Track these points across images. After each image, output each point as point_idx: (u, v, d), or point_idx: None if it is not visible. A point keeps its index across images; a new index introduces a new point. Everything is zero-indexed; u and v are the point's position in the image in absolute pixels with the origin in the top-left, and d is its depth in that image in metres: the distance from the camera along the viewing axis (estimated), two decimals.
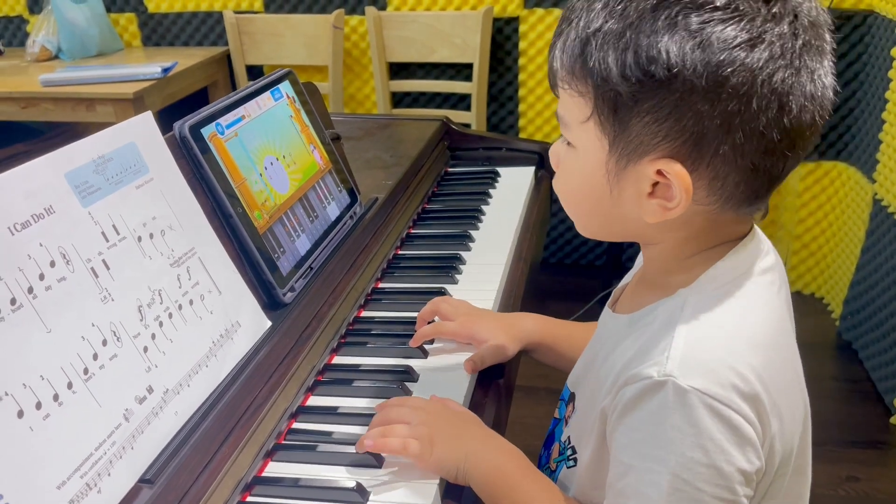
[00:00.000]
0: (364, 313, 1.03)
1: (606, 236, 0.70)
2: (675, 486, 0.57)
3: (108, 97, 2.28)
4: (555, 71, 0.62)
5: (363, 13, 2.53)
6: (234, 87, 2.75)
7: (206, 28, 2.74)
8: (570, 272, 2.67)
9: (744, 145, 0.55)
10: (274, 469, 0.76)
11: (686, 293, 0.63)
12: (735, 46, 0.53)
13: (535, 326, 0.93)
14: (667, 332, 0.60)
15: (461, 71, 2.54)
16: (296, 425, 0.82)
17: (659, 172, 0.58)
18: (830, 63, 0.58)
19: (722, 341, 0.60)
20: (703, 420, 0.56)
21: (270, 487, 0.74)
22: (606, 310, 0.75)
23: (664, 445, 0.57)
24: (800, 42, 0.55)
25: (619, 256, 2.51)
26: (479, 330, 0.91)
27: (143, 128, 0.76)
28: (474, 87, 2.45)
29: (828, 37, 0.58)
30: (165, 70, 2.37)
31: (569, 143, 0.65)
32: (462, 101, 2.58)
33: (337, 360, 0.93)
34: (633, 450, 0.60)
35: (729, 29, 0.53)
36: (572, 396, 0.78)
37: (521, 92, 2.52)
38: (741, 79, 0.53)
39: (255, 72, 2.69)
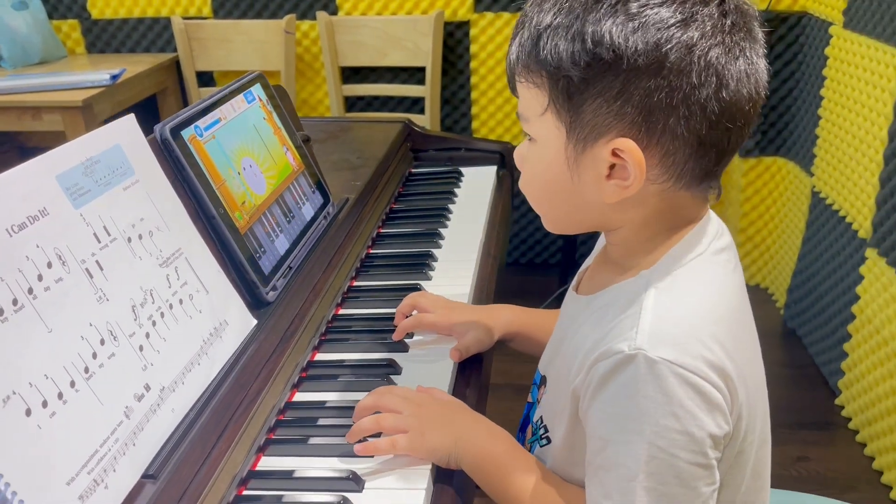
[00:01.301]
0: (342, 311, 1.05)
1: (572, 227, 0.73)
2: (651, 454, 0.61)
3: (55, 105, 2.24)
4: (512, 69, 0.67)
5: (314, 18, 2.54)
6: (183, 94, 2.72)
7: (154, 34, 2.71)
8: (527, 271, 2.71)
9: (689, 119, 0.60)
10: (267, 463, 0.78)
11: (648, 274, 0.66)
12: (671, 26, 0.58)
13: (511, 316, 0.96)
14: (633, 309, 0.64)
15: (414, 74, 2.57)
16: (285, 420, 0.83)
17: (614, 153, 0.62)
18: (763, 49, 0.63)
19: (687, 315, 0.64)
20: (674, 389, 0.60)
21: (265, 480, 0.75)
22: (570, 292, 0.79)
23: (639, 416, 0.61)
24: (728, 21, 0.60)
25: (573, 254, 2.56)
26: (459, 321, 0.94)
27: (127, 130, 0.77)
28: (428, 91, 2.48)
29: (756, 25, 0.63)
30: (114, 77, 2.34)
31: (530, 139, 0.69)
32: (415, 105, 2.61)
33: (319, 356, 0.95)
34: (609, 424, 0.63)
35: (663, 11, 0.59)
36: (544, 379, 0.81)
37: (474, 94, 2.56)
38: (679, 55, 0.58)
39: (205, 78, 2.67)
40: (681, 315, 0.64)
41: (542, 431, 0.77)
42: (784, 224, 2.42)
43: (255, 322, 0.86)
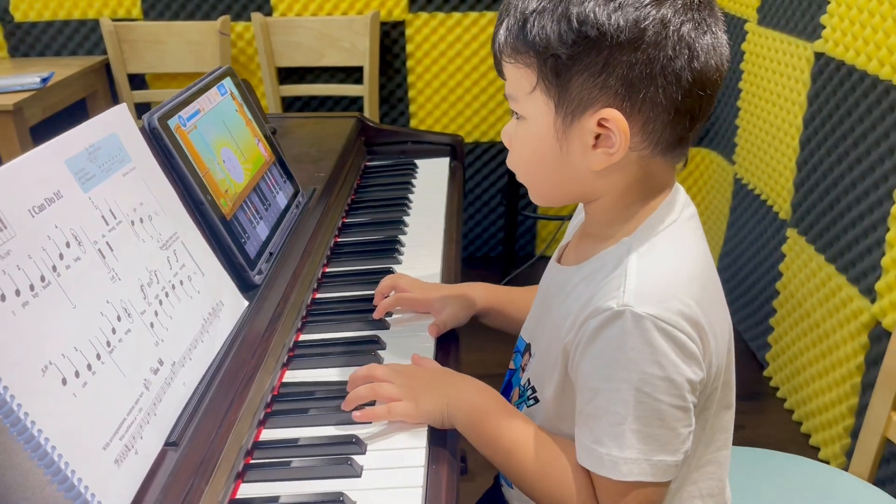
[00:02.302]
0: (318, 295, 1.08)
1: (558, 198, 0.80)
2: (638, 399, 0.68)
3: None
4: (499, 54, 0.73)
5: (249, 19, 2.54)
6: (114, 97, 2.68)
7: (81, 37, 2.66)
8: (468, 264, 2.78)
9: (666, 88, 0.67)
10: (268, 435, 0.81)
11: (629, 241, 0.74)
12: (647, 4, 0.66)
13: (484, 293, 1.02)
14: (618, 271, 0.71)
15: (351, 74, 2.61)
16: (279, 395, 0.87)
17: (599, 124, 0.68)
18: (724, 25, 0.71)
19: (667, 276, 0.71)
20: (657, 340, 0.67)
21: (270, 450, 0.79)
22: (553, 264, 0.85)
23: (626, 366, 0.68)
24: (696, 0, 0.68)
25: (513, 247, 2.65)
26: (436, 299, 1.00)
27: (120, 119, 0.79)
28: (366, 90, 2.52)
29: (717, 7, 0.71)
30: (44, 80, 2.29)
31: (518, 118, 0.75)
32: (353, 104, 2.64)
33: (303, 337, 0.98)
34: (599, 374, 0.70)
35: None
36: (527, 347, 0.87)
37: (411, 93, 2.62)
38: (655, 30, 0.65)
39: (137, 81, 2.64)
40: (661, 275, 0.71)
41: (529, 392, 0.83)
42: (710, 210, 2.57)
43: (246, 303, 0.89)
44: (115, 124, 0.78)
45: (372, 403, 0.82)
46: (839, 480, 1.13)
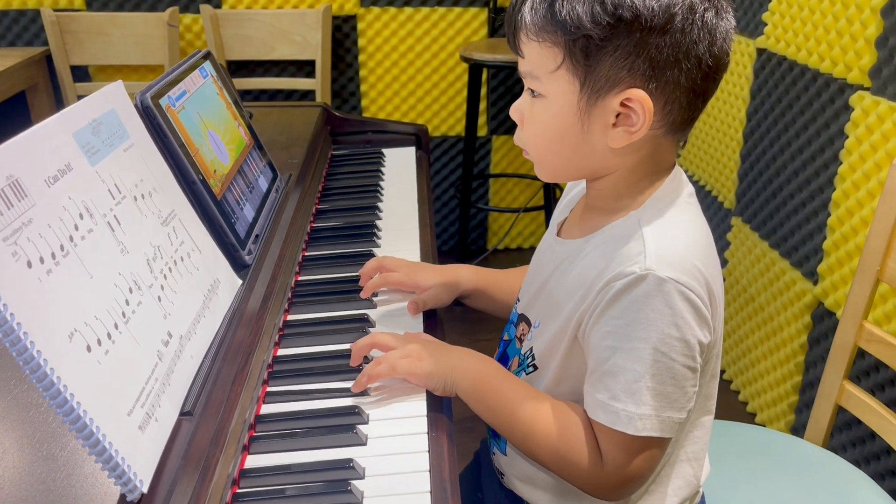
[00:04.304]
0: (301, 277, 1.09)
1: (569, 174, 0.83)
2: (655, 358, 0.72)
3: None
4: (520, 31, 0.75)
5: (198, 11, 2.51)
6: (56, 90, 2.61)
7: (20, 27, 2.58)
8: None
9: (689, 71, 0.71)
10: (268, 409, 0.82)
11: (637, 213, 0.77)
12: None
13: (469, 274, 1.05)
14: (634, 239, 0.75)
15: (302, 68, 2.60)
16: (274, 372, 0.88)
17: (622, 104, 0.72)
18: (732, 12, 0.76)
19: (680, 243, 0.75)
20: (677, 303, 0.71)
21: (272, 424, 0.80)
22: (553, 238, 0.89)
23: (646, 325, 0.72)
24: None
25: (465, 241, 2.69)
26: (422, 279, 1.02)
27: (117, 96, 0.79)
28: (318, 84, 2.52)
29: None
30: None
31: (535, 96, 0.77)
32: (305, 98, 2.64)
33: (291, 317, 0.99)
34: (618, 334, 0.73)
35: None
36: (522, 317, 0.90)
37: (363, 87, 2.63)
38: (683, 15, 0.70)
39: (79, 73, 2.57)
40: (675, 242, 0.75)
41: (529, 360, 0.86)
42: None
43: (240, 282, 0.90)
44: (113, 101, 0.78)
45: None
46: (796, 447, 1.20)
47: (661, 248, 0.74)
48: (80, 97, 2.56)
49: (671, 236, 0.76)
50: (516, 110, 0.80)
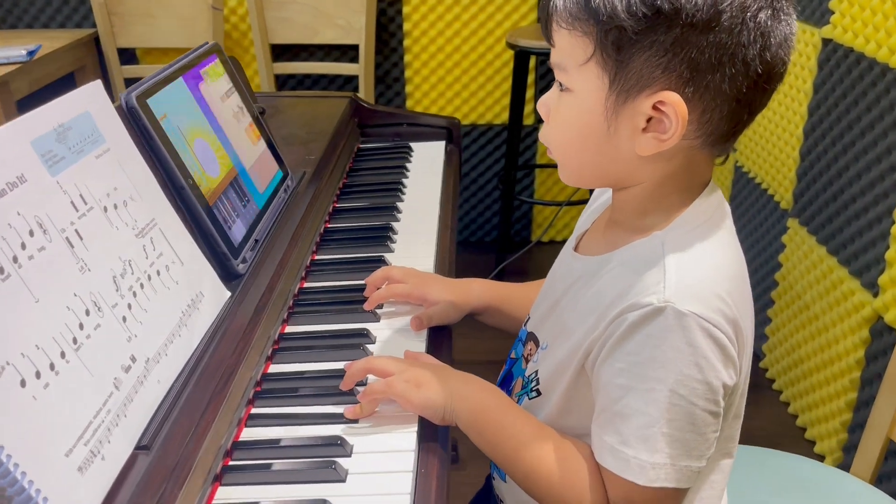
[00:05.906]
0: (306, 284, 1.04)
1: (592, 180, 0.74)
2: (672, 401, 0.64)
3: None
4: (553, 18, 0.66)
5: None
6: (104, 71, 2.62)
7: (70, 9, 2.59)
8: (462, 249, 2.74)
9: (733, 77, 0.62)
10: (249, 434, 0.77)
11: (662, 235, 0.69)
12: None
13: (482, 290, 0.97)
14: (656, 266, 0.66)
15: (346, 52, 2.55)
16: (262, 391, 0.83)
17: (654, 108, 0.63)
18: (796, 15, 0.66)
19: (706, 272, 0.66)
20: (699, 340, 0.63)
21: (250, 451, 0.74)
22: (570, 253, 0.81)
23: (664, 364, 0.63)
24: None
25: (508, 232, 2.61)
26: (431, 292, 0.95)
27: (94, 97, 0.74)
28: (361, 69, 2.46)
29: None
30: (31, 53, 2.23)
31: (563, 89, 0.69)
32: (348, 83, 2.59)
33: (289, 329, 0.94)
34: (632, 372, 0.65)
35: None
36: (530, 336, 0.83)
37: (408, 73, 2.56)
38: (732, 13, 0.60)
39: (127, 55, 2.57)
40: (701, 271, 0.66)
41: (533, 384, 0.79)
42: None
43: (228, 294, 0.85)
44: (89, 102, 0.73)
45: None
46: (840, 482, 1.10)
47: (683, 277, 0.65)
48: (126, 80, 2.57)
49: (697, 264, 0.67)
50: (543, 104, 0.72)
